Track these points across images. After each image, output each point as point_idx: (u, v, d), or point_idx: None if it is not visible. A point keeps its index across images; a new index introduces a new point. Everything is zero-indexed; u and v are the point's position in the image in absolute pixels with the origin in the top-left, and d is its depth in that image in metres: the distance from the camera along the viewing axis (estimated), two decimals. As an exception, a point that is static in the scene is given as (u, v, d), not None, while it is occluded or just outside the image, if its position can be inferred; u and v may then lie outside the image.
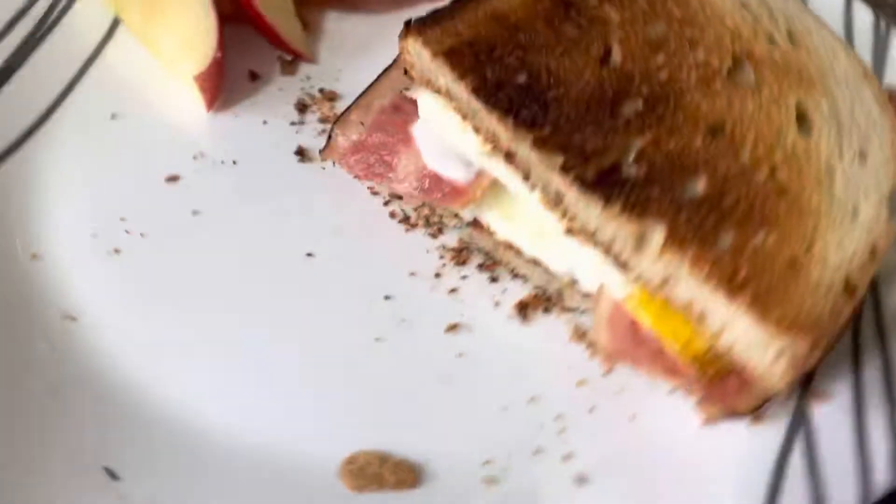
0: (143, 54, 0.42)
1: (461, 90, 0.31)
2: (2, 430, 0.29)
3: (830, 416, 0.29)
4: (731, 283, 0.26)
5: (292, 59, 0.43)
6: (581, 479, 0.29)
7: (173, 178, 0.38)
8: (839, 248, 0.28)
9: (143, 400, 0.31)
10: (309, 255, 0.36)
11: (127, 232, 0.36)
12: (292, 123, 0.41)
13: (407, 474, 0.29)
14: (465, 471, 0.30)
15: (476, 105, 0.31)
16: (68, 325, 0.32)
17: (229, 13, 0.42)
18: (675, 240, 0.27)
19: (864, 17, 0.42)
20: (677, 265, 0.27)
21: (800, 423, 0.29)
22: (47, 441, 0.29)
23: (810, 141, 0.31)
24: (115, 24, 0.43)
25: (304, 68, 0.43)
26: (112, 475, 0.28)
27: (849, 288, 0.27)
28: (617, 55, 0.33)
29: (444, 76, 0.32)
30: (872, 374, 0.30)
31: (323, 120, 0.41)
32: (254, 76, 0.43)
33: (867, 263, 0.27)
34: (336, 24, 0.46)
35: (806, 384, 0.30)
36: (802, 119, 0.32)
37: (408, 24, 0.33)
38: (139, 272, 0.34)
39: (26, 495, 0.27)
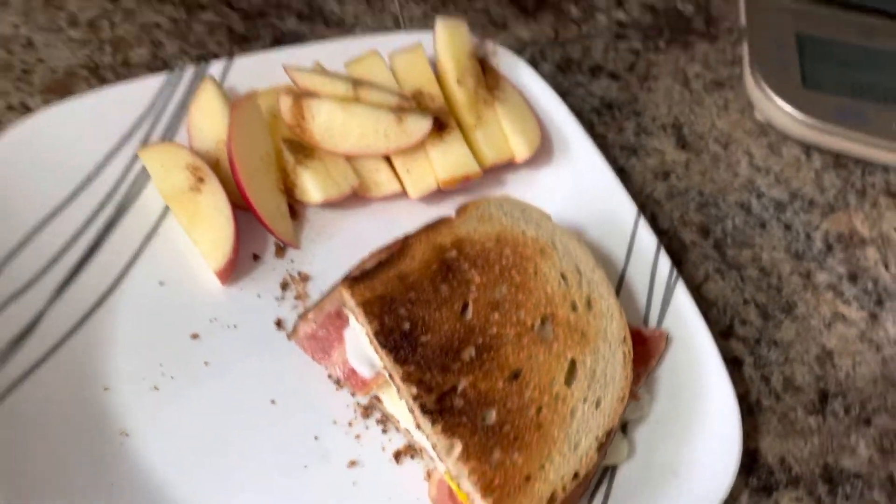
0: (184, 235, 0.63)
1: (368, 328, 0.52)
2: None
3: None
4: (488, 489, 0.46)
5: (282, 245, 0.64)
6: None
7: (195, 336, 0.59)
8: (557, 471, 0.48)
9: (167, 486, 0.52)
10: (273, 401, 0.57)
11: (163, 374, 0.57)
12: (276, 298, 0.62)
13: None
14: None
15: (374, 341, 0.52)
16: (123, 439, 0.54)
17: (242, 204, 0.63)
18: (465, 454, 0.48)
19: (664, 267, 0.62)
20: (463, 471, 0.48)
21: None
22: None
23: (569, 389, 0.51)
24: (167, 208, 0.64)
25: (290, 252, 0.64)
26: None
27: (552, 500, 0.47)
28: (470, 311, 0.54)
29: (360, 316, 0.53)
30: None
31: (297, 297, 0.62)
32: (255, 257, 0.64)
33: (570, 482, 0.48)
34: (313, 216, 0.66)
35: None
36: (572, 370, 0.53)
37: (346, 277, 0.54)
38: (169, 404, 0.55)
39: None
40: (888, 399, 0.63)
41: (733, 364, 0.63)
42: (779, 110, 0.76)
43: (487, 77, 0.70)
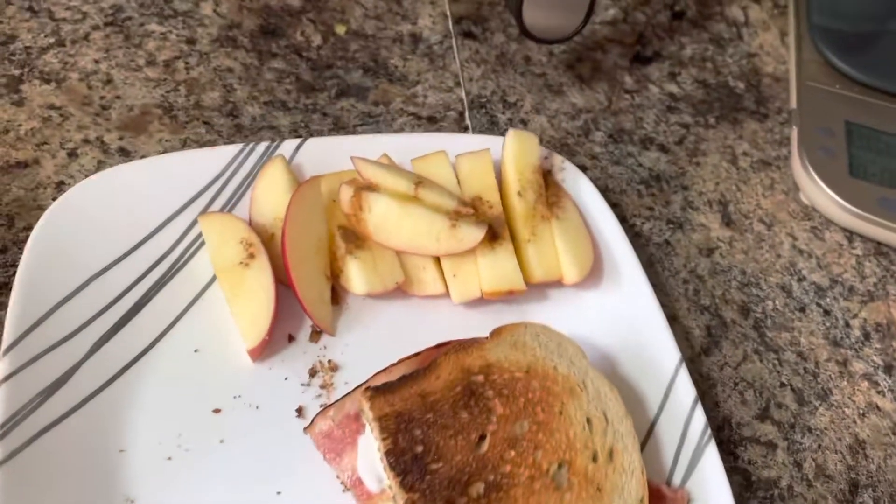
0: (225, 306, 0.64)
1: (381, 444, 0.52)
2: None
3: None
4: None
5: (318, 331, 0.65)
6: None
7: (217, 410, 0.60)
8: None
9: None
10: (278, 493, 0.57)
11: (179, 446, 0.57)
12: (302, 384, 0.62)
13: None
14: None
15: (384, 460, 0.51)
16: (128, 505, 0.55)
17: (286, 281, 0.64)
18: None
19: (698, 424, 0.59)
20: None
21: None
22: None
23: (572, 547, 0.50)
24: (214, 277, 0.65)
25: (324, 338, 0.65)
26: None
27: None
28: (486, 444, 0.52)
29: (376, 431, 0.52)
30: None
31: (322, 386, 0.62)
32: (290, 338, 0.64)
33: None
34: (353, 303, 0.67)
35: None
36: (580, 525, 0.51)
37: (367, 386, 0.54)
38: (178, 477, 0.56)
39: None
40: (917, 492, 0.61)
41: (767, 447, 0.63)
42: (823, 196, 0.76)
43: (549, 192, 0.70)
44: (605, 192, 0.74)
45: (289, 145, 0.69)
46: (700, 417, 0.59)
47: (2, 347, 0.55)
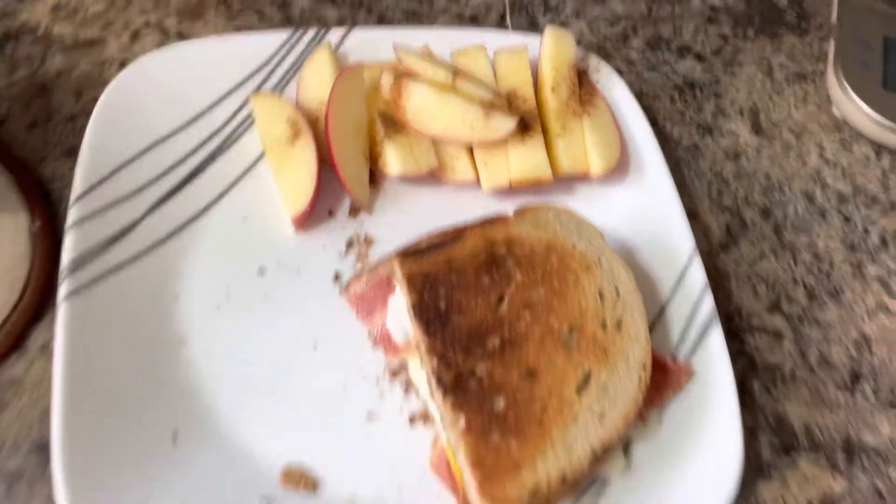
0: (272, 180, 0.69)
1: (407, 299, 0.57)
2: (118, 411, 0.58)
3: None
4: (478, 464, 0.50)
5: (357, 208, 0.70)
6: (393, 523, 0.56)
7: (262, 271, 0.65)
8: (546, 467, 0.51)
9: (207, 396, 0.59)
10: (314, 346, 0.62)
11: (226, 299, 0.63)
12: (339, 253, 0.67)
13: (313, 483, 0.56)
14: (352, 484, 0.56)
15: (410, 311, 0.56)
16: (180, 347, 0.61)
17: (328, 161, 0.68)
18: (467, 429, 0.52)
19: (706, 307, 0.63)
20: (461, 444, 0.52)
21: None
22: (134, 409, 0.58)
23: (578, 398, 0.54)
24: (263, 153, 0.70)
25: (362, 215, 0.69)
26: (174, 437, 0.56)
27: (535, 492, 0.51)
28: (504, 305, 0.57)
29: (404, 287, 0.57)
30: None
31: (357, 257, 0.67)
32: (330, 213, 0.69)
33: (557, 481, 0.51)
34: (390, 186, 0.71)
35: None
36: (586, 380, 0.55)
37: (400, 251, 0.59)
38: (225, 325, 0.62)
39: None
40: (919, 390, 0.65)
41: (774, 336, 0.67)
42: (855, 107, 0.78)
43: (583, 90, 0.73)
44: (638, 96, 0.77)
45: (335, 34, 0.73)
46: (709, 301, 0.63)
47: (72, 197, 0.61)
